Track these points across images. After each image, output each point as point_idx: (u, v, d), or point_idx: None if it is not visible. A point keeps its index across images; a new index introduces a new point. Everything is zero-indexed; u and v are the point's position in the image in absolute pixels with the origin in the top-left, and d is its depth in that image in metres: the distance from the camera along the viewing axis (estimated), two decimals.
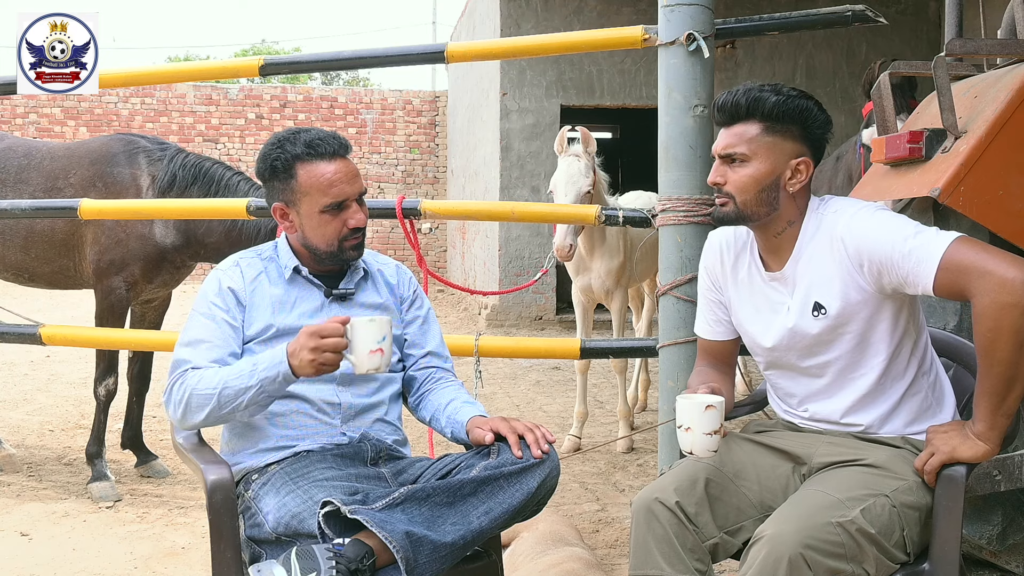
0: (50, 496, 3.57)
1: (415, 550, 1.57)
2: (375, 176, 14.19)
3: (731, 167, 1.77)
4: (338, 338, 1.72)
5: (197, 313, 1.94)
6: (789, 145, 1.76)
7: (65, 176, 3.77)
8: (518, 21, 9.11)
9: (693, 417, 1.69)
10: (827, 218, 1.77)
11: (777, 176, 1.76)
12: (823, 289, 1.75)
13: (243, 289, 1.95)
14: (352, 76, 24.45)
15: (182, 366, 1.87)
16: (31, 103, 13.69)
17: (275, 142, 1.95)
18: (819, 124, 1.78)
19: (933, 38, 9.05)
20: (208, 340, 1.89)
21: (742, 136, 1.76)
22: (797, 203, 1.79)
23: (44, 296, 11.13)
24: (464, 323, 9.99)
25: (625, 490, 3.72)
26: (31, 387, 5.83)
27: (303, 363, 1.73)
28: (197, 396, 1.80)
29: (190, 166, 3.70)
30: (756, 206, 1.76)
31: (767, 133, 1.75)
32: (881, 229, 1.69)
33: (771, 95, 1.75)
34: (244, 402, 1.78)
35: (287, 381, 1.77)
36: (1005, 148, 2.30)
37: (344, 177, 1.91)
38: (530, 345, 3.65)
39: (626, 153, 13.01)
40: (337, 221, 1.92)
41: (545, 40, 3.15)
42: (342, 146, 1.95)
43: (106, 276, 3.69)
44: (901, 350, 1.78)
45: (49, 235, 3.73)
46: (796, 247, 1.80)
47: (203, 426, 1.88)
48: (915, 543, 1.68)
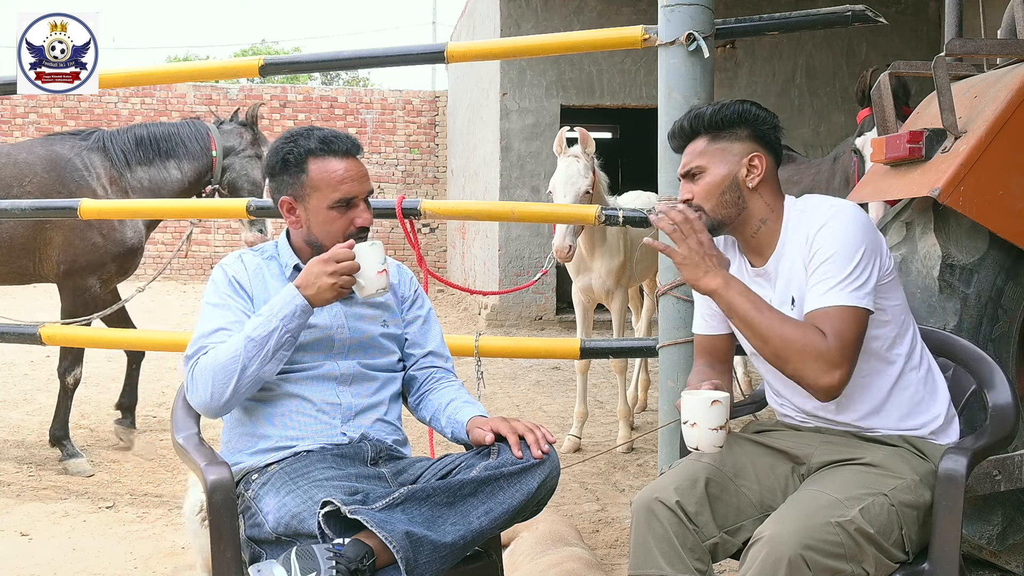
0: (50, 496, 3.57)
1: (415, 550, 1.57)
2: (375, 176, 14.18)
3: (693, 182, 1.87)
4: (351, 261, 1.80)
5: (209, 305, 1.94)
6: (738, 146, 1.85)
7: (20, 184, 3.86)
8: (518, 21, 9.11)
9: (699, 413, 1.69)
10: (804, 216, 1.82)
11: (734, 176, 1.84)
12: (796, 283, 1.80)
13: (247, 280, 1.97)
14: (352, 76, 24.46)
15: (198, 353, 1.86)
16: (31, 103, 13.69)
17: (289, 136, 1.97)
18: (762, 121, 1.86)
19: (933, 38, 9.05)
20: (223, 327, 1.89)
21: (694, 152, 1.88)
22: (764, 199, 1.85)
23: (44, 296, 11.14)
24: (464, 323, 9.99)
25: (625, 490, 3.72)
26: (31, 387, 5.83)
27: (323, 288, 1.79)
28: (221, 365, 1.80)
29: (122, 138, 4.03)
30: (723, 209, 1.84)
31: (714, 141, 1.86)
32: (839, 232, 1.74)
33: (708, 108, 1.87)
34: (270, 349, 1.79)
35: (305, 314, 1.82)
36: (1005, 148, 2.30)
37: (355, 175, 1.94)
38: (530, 345, 3.65)
39: (626, 153, 13.01)
40: (344, 219, 1.93)
41: (545, 40, 3.16)
42: (355, 146, 1.98)
43: (80, 276, 3.87)
44: (875, 343, 1.79)
45: (9, 241, 3.85)
46: (779, 243, 1.84)
47: (232, 401, 1.84)
48: (914, 542, 1.68)
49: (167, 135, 4.12)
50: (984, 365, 1.94)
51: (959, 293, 2.38)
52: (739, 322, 1.73)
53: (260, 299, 1.94)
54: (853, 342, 1.68)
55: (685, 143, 1.90)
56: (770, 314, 1.70)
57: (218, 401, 1.83)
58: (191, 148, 4.15)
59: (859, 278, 1.70)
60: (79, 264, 3.84)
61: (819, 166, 4.66)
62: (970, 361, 1.97)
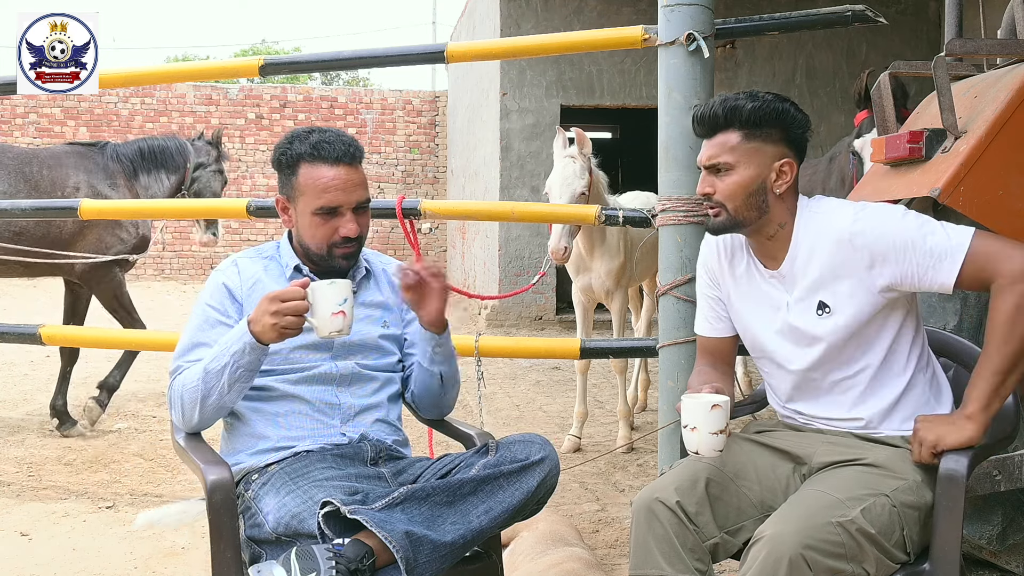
0: (50, 496, 3.57)
1: (415, 550, 1.57)
2: (375, 176, 14.18)
3: (717, 176, 1.81)
4: (298, 301, 1.73)
5: (193, 315, 1.96)
6: (771, 148, 1.79)
7: (63, 185, 4.45)
8: (518, 21, 9.11)
9: (699, 417, 1.68)
10: (820, 218, 1.80)
11: (763, 180, 1.79)
12: (828, 290, 1.77)
13: (239, 287, 1.96)
14: (352, 76, 24.45)
15: (176, 372, 1.90)
16: (31, 103, 13.68)
17: (288, 137, 1.97)
18: (798, 124, 1.81)
19: (933, 38, 9.04)
20: (202, 343, 1.90)
21: (724, 145, 1.79)
22: (786, 204, 1.82)
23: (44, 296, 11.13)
24: (464, 323, 9.99)
25: (625, 490, 3.72)
26: (31, 387, 5.83)
27: (265, 328, 1.74)
28: (188, 391, 1.83)
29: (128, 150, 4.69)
30: (747, 211, 1.80)
31: (748, 140, 1.79)
32: (891, 226, 1.72)
33: (747, 102, 1.78)
34: (225, 382, 1.79)
35: (255, 350, 1.78)
36: (1005, 148, 2.30)
37: (342, 184, 1.89)
38: (530, 345, 3.65)
39: (626, 153, 13.01)
40: (327, 227, 1.91)
41: (545, 40, 3.16)
42: (349, 152, 1.91)
43: (108, 266, 4.44)
44: (899, 345, 1.79)
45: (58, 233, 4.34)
46: (792, 245, 1.82)
47: (202, 423, 1.88)
48: (915, 543, 1.68)
49: (161, 148, 4.88)
50: None
51: (959, 293, 2.38)
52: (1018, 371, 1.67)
53: (256, 302, 1.93)
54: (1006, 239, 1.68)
55: (714, 132, 1.81)
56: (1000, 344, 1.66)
57: (189, 423, 1.87)
58: (176, 161, 4.94)
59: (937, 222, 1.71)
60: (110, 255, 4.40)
61: (816, 165, 4.66)
62: (971, 361, 1.96)
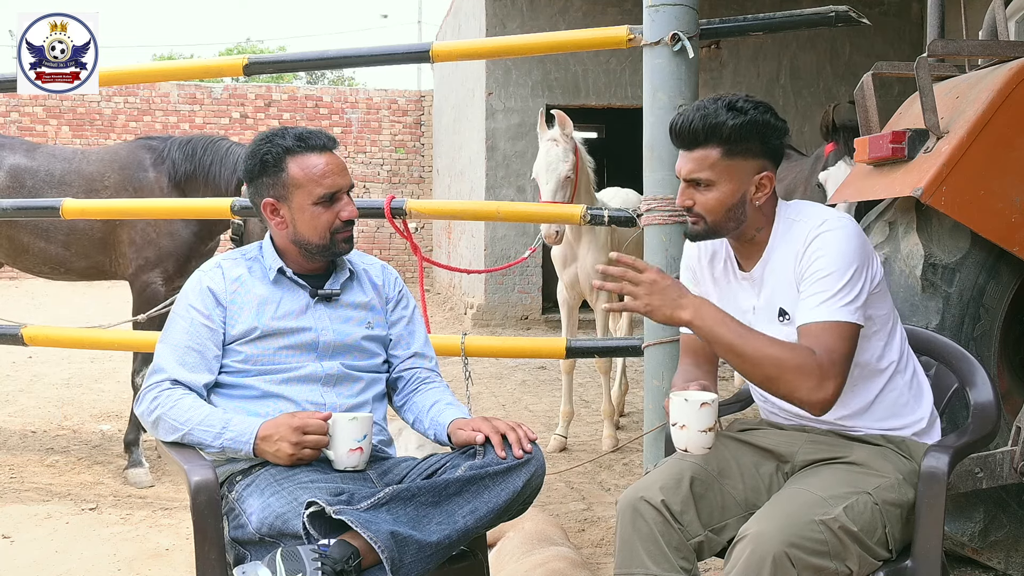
0: (32, 498, 3.54)
1: (400, 550, 1.57)
2: (360, 176, 14.16)
3: (697, 190, 1.80)
4: (321, 435, 1.78)
5: (176, 314, 1.95)
6: (750, 163, 1.78)
7: (101, 180, 4.13)
8: (503, 21, 9.11)
9: (688, 415, 1.69)
10: (794, 226, 1.80)
11: (742, 194, 1.79)
12: (785, 296, 1.79)
13: (224, 290, 1.95)
14: (337, 75, 24.38)
15: (159, 374, 1.89)
16: (12, 102, 13.57)
17: (264, 138, 1.96)
18: (777, 134, 1.80)
19: (915, 39, 9.11)
20: (184, 345, 1.90)
21: (703, 162, 1.78)
22: (764, 211, 1.83)
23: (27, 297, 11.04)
24: (450, 323, 9.97)
25: (611, 489, 3.73)
26: (13, 388, 5.78)
27: (279, 453, 1.78)
28: (167, 421, 1.85)
29: (183, 158, 4.12)
30: (726, 223, 1.81)
31: (728, 156, 1.77)
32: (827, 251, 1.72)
33: (728, 118, 1.75)
34: (202, 446, 1.84)
35: (248, 459, 1.84)
36: (986, 148, 2.32)
37: (336, 169, 1.94)
38: (516, 345, 3.65)
39: (611, 153, 13.02)
40: (329, 213, 1.93)
41: (530, 40, 3.16)
42: (331, 140, 1.98)
43: (143, 272, 4.04)
44: (872, 347, 1.80)
45: (89, 233, 4.05)
46: (766, 249, 1.83)
47: None
48: (897, 540, 1.69)
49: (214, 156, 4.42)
50: (966, 363, 1.96)
51: (941, 292, 2.40)
52: (723, 349, 1.68)
53: (240, 307, 1.93)
54: (844, 357, 1.67)
55: (694, 146, 1.79)
56: (755, 338, 1.67)
57: (155, 435, 1.90)
58: None
59: (850, 293, 1.69)
60: (141, 259, 4.02)
61: (801, 164, 4.69)
62: (952, 360, 1.98)
